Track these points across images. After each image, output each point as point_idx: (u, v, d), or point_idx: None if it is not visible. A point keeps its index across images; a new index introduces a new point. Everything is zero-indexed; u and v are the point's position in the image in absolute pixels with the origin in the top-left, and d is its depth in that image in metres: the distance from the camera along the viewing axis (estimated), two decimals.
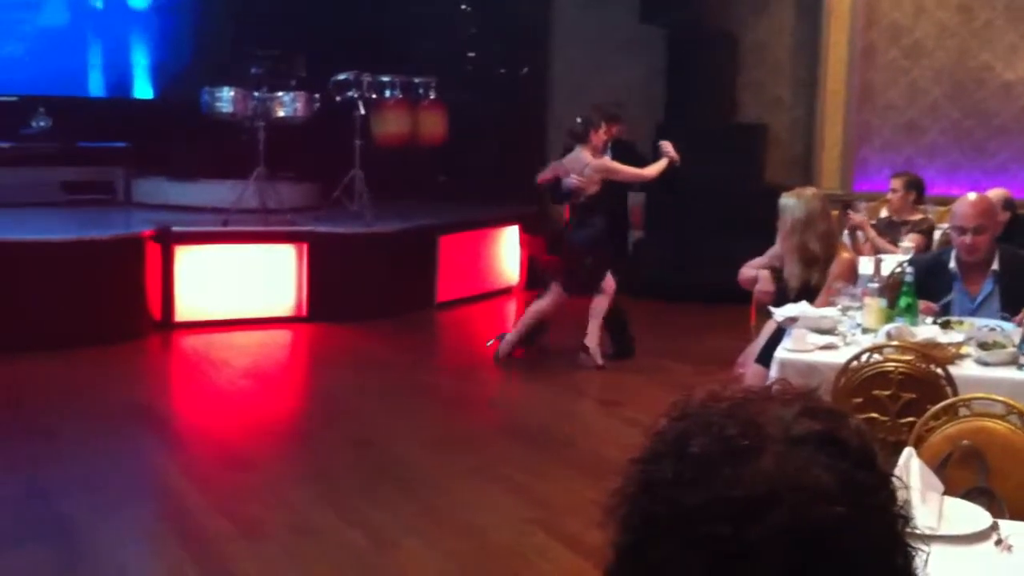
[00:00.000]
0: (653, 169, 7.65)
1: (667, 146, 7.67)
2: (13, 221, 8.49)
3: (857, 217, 7.24)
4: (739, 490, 0.94)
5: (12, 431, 5.96)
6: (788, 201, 5.18)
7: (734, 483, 0.94)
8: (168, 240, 8.42)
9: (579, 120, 7.62)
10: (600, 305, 7.68)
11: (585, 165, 7.42)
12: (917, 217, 7.36)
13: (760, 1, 10.56)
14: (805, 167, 10.42)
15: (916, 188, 7.47)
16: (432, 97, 10.09)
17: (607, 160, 7.58)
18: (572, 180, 7.42)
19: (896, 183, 7.48)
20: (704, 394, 1.04)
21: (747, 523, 0.92)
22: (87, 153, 10.24)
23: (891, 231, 7.26)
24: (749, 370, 5.05)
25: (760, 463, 0.95)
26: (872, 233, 7.17)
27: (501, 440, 6.13)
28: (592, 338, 7.60)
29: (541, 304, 7.74)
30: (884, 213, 7.65)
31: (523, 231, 10.45)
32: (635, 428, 5.91)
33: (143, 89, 11.26)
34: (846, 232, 7.27)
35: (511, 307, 9.94)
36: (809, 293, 4.99)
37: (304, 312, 8.86)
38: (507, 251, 10.51)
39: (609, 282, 7.65)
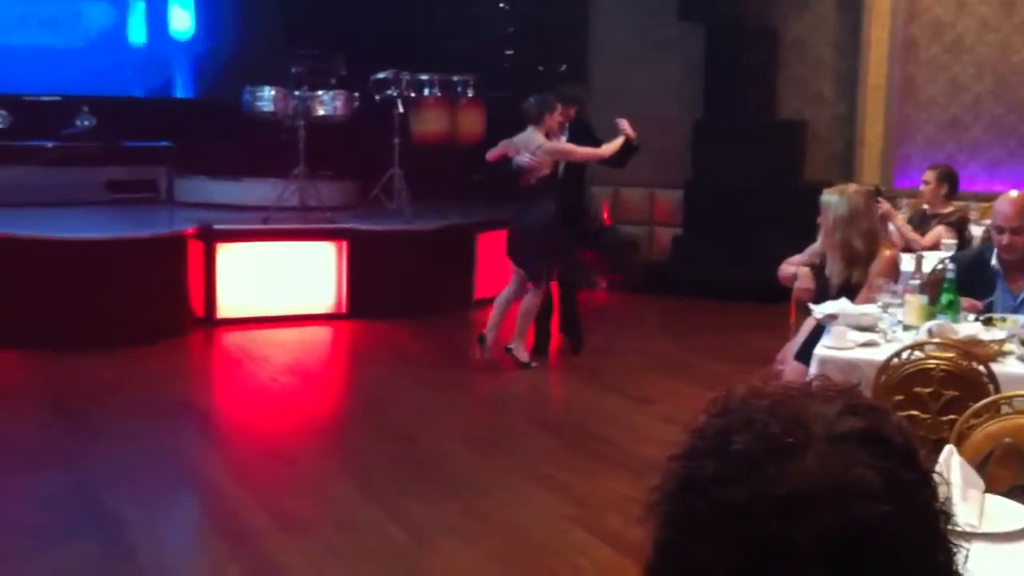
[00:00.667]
0: (608, 148, 7.49)
1: (624, 124, 7.57)
2: (58, 220, 8.61)
3: (885, 205, 7.16)
4: (783, 488, 0.93)
5: (60, 427, 6.05)
6: (830, 198, 5.12)
7: (778, 481, 0.94)
8: (210, 238, 8.51)
9: (532, 100, 7.35)
10: (529, 304, 7.36)
11: (538, 146, 7.15)
12: (948, 210, 7.29)
13: None
14: (846, 163, 10.35)
15: (949, 181, 7.39)
16: (470, 95, 10.13)
17: (561, 142, 7.36)
18: (524, 158, 7.15)
19: (929, 175, 7.41)
20: (745, 390, 1.04)
21: (792, 521, 0.92)
22: (131, 152, 10.37)
23: (923, 224, 7.21)
24: (788, 367, 5.03)
25: (804, 461, 0.95)
26: (900, 220, 7.10)
27: (539, 438, 6.15)
28: (519, 349, 7.37)
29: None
30: (924, 206, 7.58)
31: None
32: (672, 426, 5.91)
33: (185, 89, 11.38)
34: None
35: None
36: (850, 290, 4.96)
37: (344, 309, 8.92)
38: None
39: (547, 279, 7.42)
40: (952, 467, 2.62)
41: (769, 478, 0.94)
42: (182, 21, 11.20)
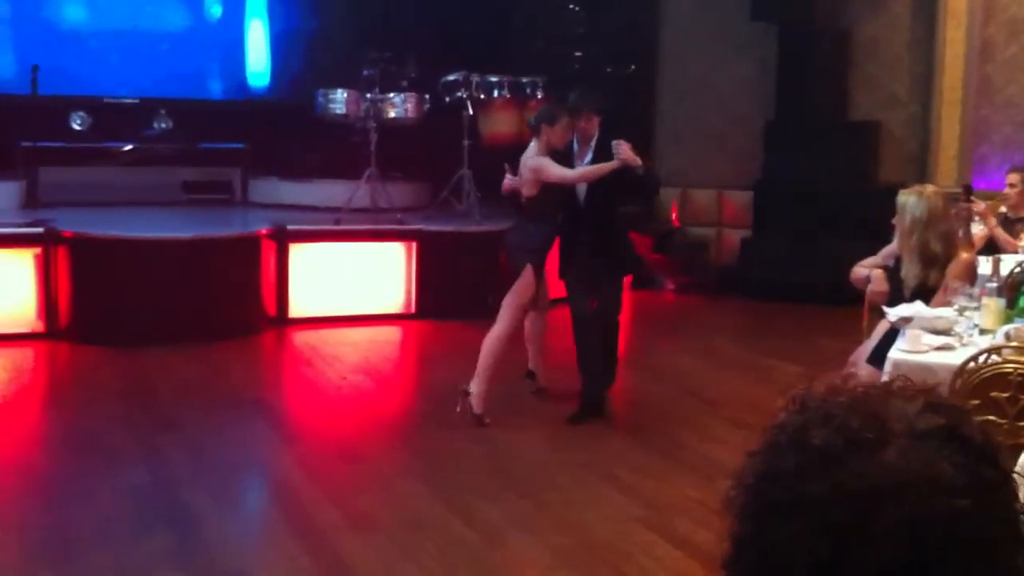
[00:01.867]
0: (590, 171, 6.24)
1: (622, 147, 6.14)
2: (136, 220, 8.80)
3: (980, 205, 6.98)
4: (864, 481, 0.95)
5: (138, 422, 6.19)
6: (907, 199, 5.04)
7: (858, 475, 0.95)
8: (283, 238, 8.63)
9: (539, 111, 6.83)
10: (495, 336, 6.38)
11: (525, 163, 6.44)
12: None
13: None
14: (920, 165, 10.20)
15: None
16: (540, 97, 10.14)
17: (541, 159, 6.33)
18: (506, 181, 6.55)
19: (1015, 178, 7.24)
20: (824, 387, 1.05)
21: (871, 513, 0.93)
22: (206, 154, 10.57)
23: (1008, 228, 7.05)
24: (861, 371, 4.98)
25: (884, 456, 0.96)
26: (993, 222, 6.94)
27: (610, 437, 6.15)
28: (478, 380, 6.28)
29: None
30: (1002, 209, 7.42)
31: (629, 230, 10.42)
32: (743, 429, 5.88)
33: (260, 92, 11.55)
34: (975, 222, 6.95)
35: None
36: (926, 293, 4.89)
37: (413, 309, 8.99)
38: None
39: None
40: None
41: (849, 471, 0.95)
42: (258, 26, 11.37)
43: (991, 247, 6.58)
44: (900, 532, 0.93)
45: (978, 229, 6.89)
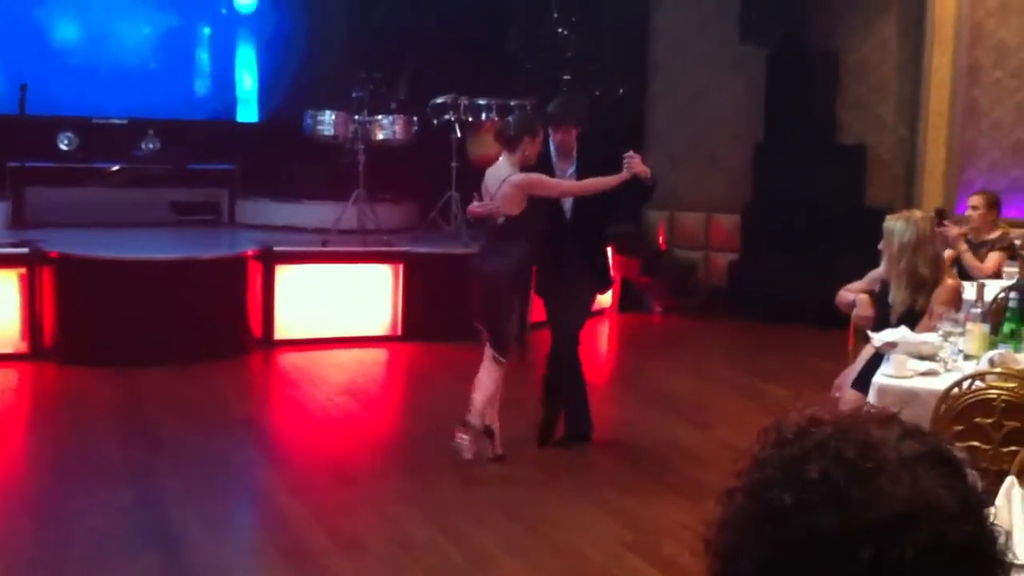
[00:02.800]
0: (594, 183, 5.91)
1: (634, 160, 5.94)
2: (124, 240, 8.78)
3: (954, 230, 7.08)
4: (874, 512, 0.94)
5: (125, 443, 6.17)
6: (895, 225, 5.06)
7: (867, 506, 0.95)
8: (270, 260, 8.62)
9: (510, 121, 6.17)
10: (487, 374, 6.01)
11: (503, 180, 5.87)
12: (996, 234, 7.21)
13: (863, 20, 10.43)
14: (907, 188, 10.24)
15: (997, 207, 7.34)
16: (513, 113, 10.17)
17: (532, 175, 5.87)
18: (475, 206, 6.03)
19: (978, 200, 7.33)
20: (800, 418, 1.04)
21: (888, 544, 0.93)
22: (194, 175, 10.55)
23: (972, 252, 7.13)
24: (845, 395, 4.99)
25: (890, 484, 0.96)
26: (964, 247, 7.02)
27: (600, 461, 6.14)
28: (475, 414, 5.90)
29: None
30: (967, 236, 7.45)
31: (616, 252, 10.44)
32: (732, 451, 5.87)
33: (248, 112, 11.56)
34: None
35: (604, 328, 9.94)
36: (914, 318, 4.90)
37: (399, 331, 8.98)
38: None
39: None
40: (1013, 499, 2.58)
41: (857, 503, 0.95)
42: (247, 47, 11.39)
43: (959, 272, 6.65)
44: (916, 561, 0.93)
45: (946, 252, 6.97)
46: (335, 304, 8.83)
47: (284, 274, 8.68)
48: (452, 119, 9.73)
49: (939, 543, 0.93)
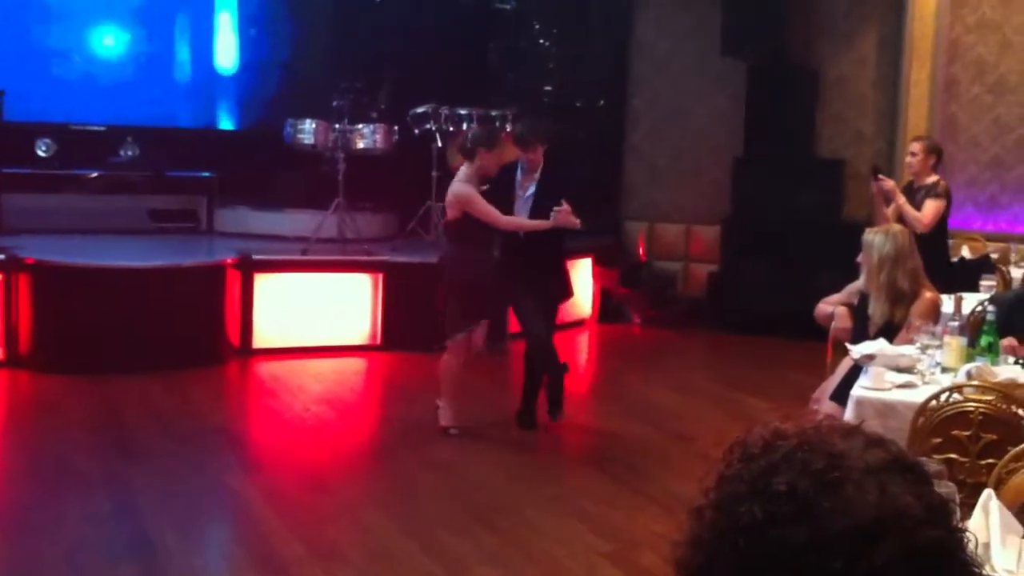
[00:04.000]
0: (516, 222, 6.35)
1: (560, 213, 6.17)
2: (101, 248, 8.73)
3: (889, 183, 7.13)
4: (843, 522, 0.94)
5: (101, 451, 6.12)
6: (875, 237, 5.08)
7: (836, 516, 0.95)
8: (248, 268, 8.58)
9: (469, 134, 6.56)
10: (448, 367, 6.48)
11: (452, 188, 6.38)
12: (931, 180, 7.25)
13: (842, 35, 10.49)
14: (886, 202, 10.28)
15: (937, 153, 7.39)
16: (508, 130, 10.18)
17: (471, 192, 6.24)
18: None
19: (916, 147, 7.37)
20: (764, 433, 1.04)
21: (858, 554, 0.93)
22: (173, 182, 10.50)
23: (911, 197, 7.19)
24: (824, 407, 5.00)
25: (857, 493, 0.96)
26: (902, 199, 7.06)
27: (577, 471, 6.14)
28: (445, 411, 6.53)
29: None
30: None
31: (596, 263, 10.46)
32: (709, 462, 5.85)
33: (228, 120, 11.53)
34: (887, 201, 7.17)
35: (583, 339, 9.94)
36: (893, 330, 4.92)
37: (378, 340, 8.95)
38: (580, 283, 10.52)
39: (464, 336, 6.43)
40: (991, 512, 2.59)
41: (826, 513, 0.95)
42: (227, 54, 11.36)
43: (903, 221, 6.71)
44: (887, 570, 0.93)
45: (888, 209, 7.11)
46: (314, 313, 8.80)
47: (263, 283, 8.64)
48: (433, 129, 9.73)
49: (908, 549, 0.94)
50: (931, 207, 7.01)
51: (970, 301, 5.74)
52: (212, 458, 6.17)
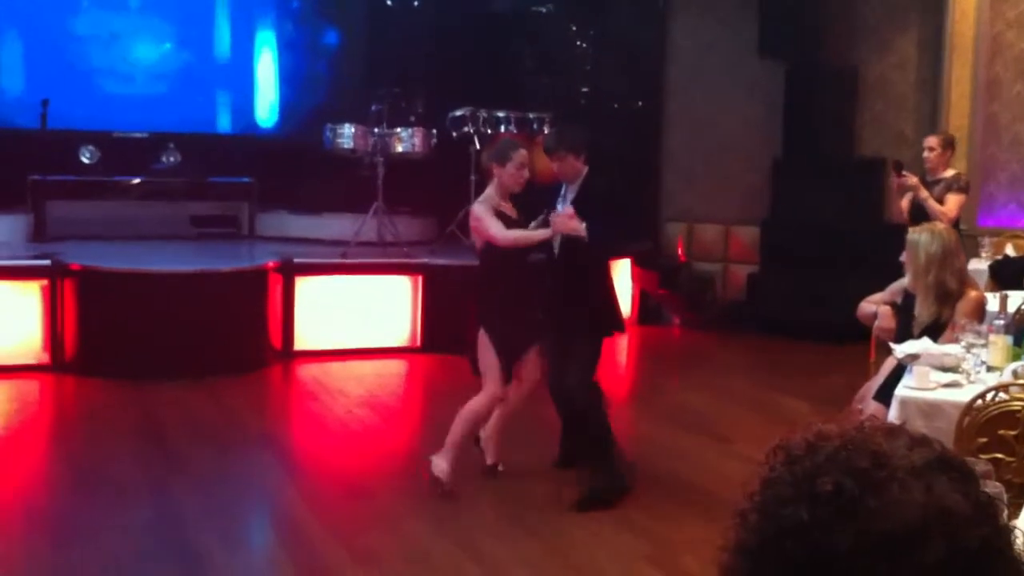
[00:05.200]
0: (522, 237, 5.51)
1: (558, 219, 5.43)
2: (144, 253, 8.83)
3: (913, 179, 7.06)
4: (890, 522, 0.94)
5: (144, 457, 6.16)
6: (920, 237, 5.03)
7: (883, 516, 0.94)
8: (290, 272, 8.64)
9: (491, 148, 5.96)
10: (474, 407, 5.59)
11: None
12: (950, 173, 7.19)
13: (881, 35, 10.41)
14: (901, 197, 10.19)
15: (952, 146, 7.40)
16: (546, 132, 10.18)
17: (477, 211, 5.54)
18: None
19: (933, 141, 7.31)
20: (807, 436, 1.03)
21: (905, 555, 0.93)
22: (214, 188, 10.61)
23: (928, 190, 7.13)
24: (868, 407, 4.96)
25: (903, 492, 0.95)
26: (925, 194, 6.99)
27: None
28: (443, 454, 5.56)
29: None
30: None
31: (635, 265, 10.44)
32: (750, 466, 5.81)
33: (268, 126, 11.62)
34: (907, 195, 7.12)
35: (623, 341, 9.91)
36: (935, 330, 4.87)
37: (418, 343, 8.98)
38: (620, 285, 10.50)
39: (495, 370, 5.53)
40: None
41: (872, 513, 0.94)
42: (266, 61, 11.45)
43: (920, 214, 6.72)
44: (933, 571, 0.92)
45: (903, 202, 7.13)
46: (354, 316, 8.85)
47: (304, 286, 8.70)
48: (471, 132, 9.75)
49: (956, 548, 0.93)
50: (954, 201, 6.99)
51: (1015, 299, 5.67)
52: (255, 463, 6.21)
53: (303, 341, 8.66)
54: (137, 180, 10.24)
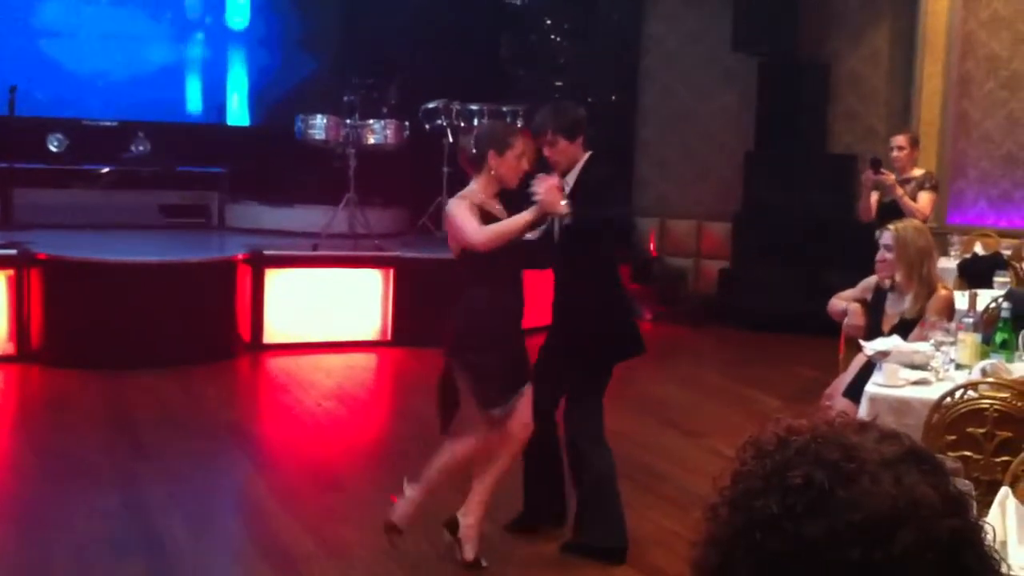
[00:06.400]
0: (502, 229, 4.42)
1: (541, 185, 4.38)
2: (113, 243, 8.74)
3: (890, 178, 7.08)
4: (860, 513, 0.94)
5: (112, 446, 6.11)
6: (906, 232, 5.03)
7: (853, 507, 0.94)
8: (260, 263, 8.58)
9: (473, 137, 4.70)
10: (457, 451, 4.59)
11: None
12: (919, 172, 7.25)
13: (854, 30, 10.45)
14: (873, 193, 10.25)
15: (918, 145, 7.50)
16: (520, 125, 10.16)
17: (451, 209, 4.54)
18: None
19: (902, 140, 7.36)
20: (777, 430, 1.03)
21: (875, 546, 0.93)
22: (184, 177, 10.51)
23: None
24: (837, 404, 4.97)
25: (873, 484, 0.95)
26: (901, 192, 7.02)
27: None
28: (403, 505, 4.55)
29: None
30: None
31: None
32: (722, 460, 5.84)
33: (239, 116, 11.53)
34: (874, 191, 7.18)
35: None
36: (905, 327, 4.89)
37: (388, 336, 8.95)
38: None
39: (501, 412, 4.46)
40: (1007, 510, 2.57)
41: (843, 504, 0.94)
42: (238, 49, 11.37)
43: (889, 212, 6.63)
44: (905, 561, 0.92)
45: (872, 199, 7.16)
46: (325, 308, 8.80)
47: (274, 278, 8.64)
48: (444, 124, 9.72)
49: (927, 539, 0.93)
50: (927, 199, 7.05)
51: (984, 297, 5.71)
52: (222, 454, 6.17)
53: (273, 333, 8.60)
54: (106, 169, 10.14)
